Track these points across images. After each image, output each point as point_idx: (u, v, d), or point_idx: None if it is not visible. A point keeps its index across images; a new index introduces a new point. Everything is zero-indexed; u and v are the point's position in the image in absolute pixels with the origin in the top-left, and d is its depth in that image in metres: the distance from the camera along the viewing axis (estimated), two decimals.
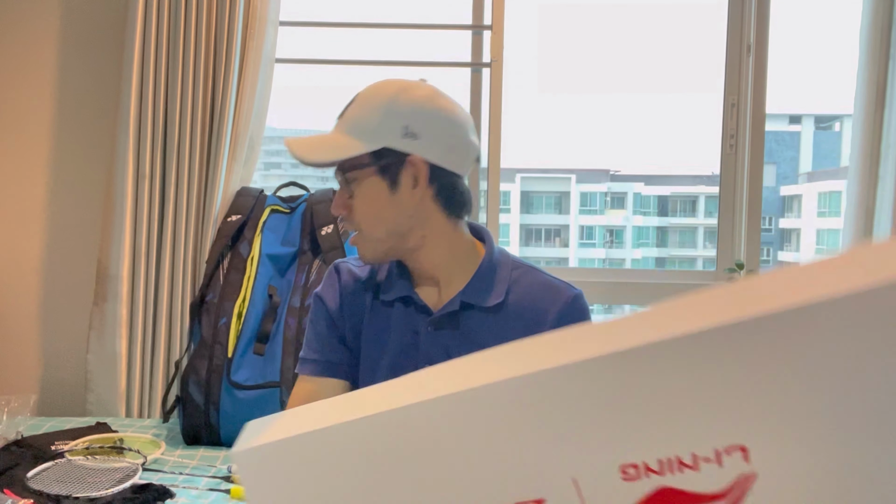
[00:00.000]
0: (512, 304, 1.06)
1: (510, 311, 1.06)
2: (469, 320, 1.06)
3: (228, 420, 1.86)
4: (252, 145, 2.21)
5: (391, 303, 1.11)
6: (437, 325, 1.07)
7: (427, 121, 1.00)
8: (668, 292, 2.38)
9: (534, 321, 1.05)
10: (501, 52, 2.31)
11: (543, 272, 1.12)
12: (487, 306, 1.06)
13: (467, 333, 1.06)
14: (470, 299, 1.06)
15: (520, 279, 1.09)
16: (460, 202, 1.07)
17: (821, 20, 8.32)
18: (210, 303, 1.97)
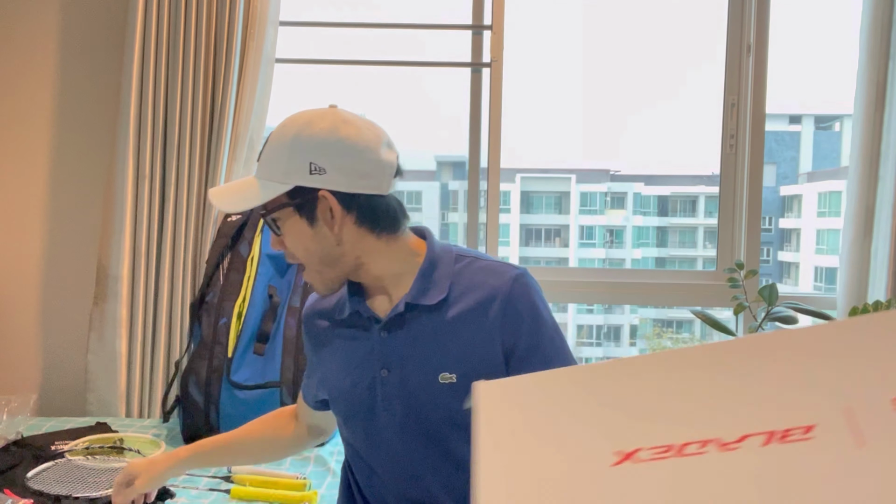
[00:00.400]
0: (455, 297, 1.09)
1: (455, 304, 1.08)
2: (417, 320, 1.09)
3: (228, 420, 1.86)
4: (252, 145, 2.21)
5: (346, 321, 1.16)
6: (389, 330, 1.11)
7: (331, 153, 1.02)
8: (668, 292, 2.38)
9: (479, 309, 1.07)
10: (501, 52, 2.31)
11: (486, 258, 1.14)
12: (432, 304, 1.08)
13: (417, 333, 1.09)
14: (414, 300, 1.08)
15: (462, 271, 1.11)
16: (386, 219, 1.09)
17: (821, 20, 8.29)
18: (210, 303, 1.97)
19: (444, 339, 1.08)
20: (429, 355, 1.08)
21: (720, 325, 2.05)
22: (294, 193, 1.04)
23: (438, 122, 2.92)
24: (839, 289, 2.23)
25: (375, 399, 1.12)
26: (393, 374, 1.10)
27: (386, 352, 1.10)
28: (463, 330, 1.07)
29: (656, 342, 6.95)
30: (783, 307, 2.01)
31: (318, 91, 2.63)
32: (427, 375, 1.08)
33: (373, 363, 1.11)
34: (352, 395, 1.15)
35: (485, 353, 1.07)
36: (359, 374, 1.13)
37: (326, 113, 1.06)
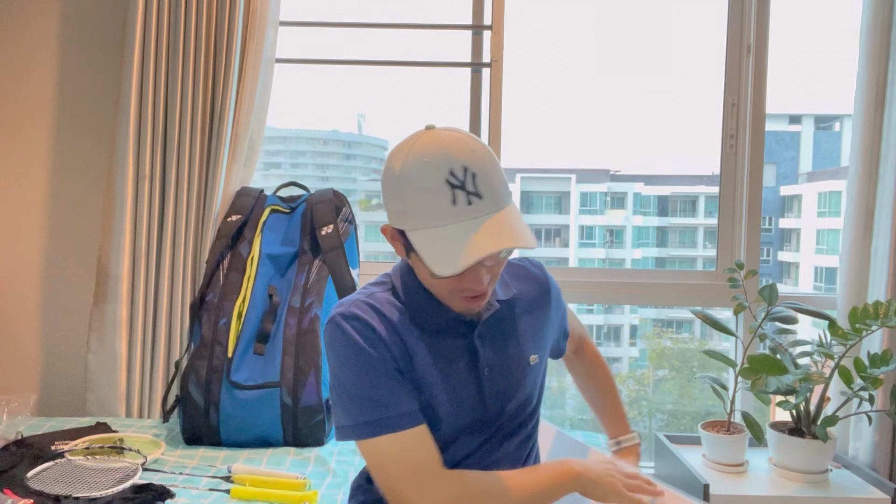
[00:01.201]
0: (516, 293, 1.24)
1: (518, 296, 1.23)
2: (499, 316, 1.18)
3: (228, 420, 1.86)
4: (252, 145, 2.21)
5: (436, 331, 1.12)
6: (483, 333, 1.16)
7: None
8: (668, 292, 2.38)
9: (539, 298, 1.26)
10: (501, 52, 2.31)
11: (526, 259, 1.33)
12: (507, 298, 1.21)
13: (504, 327, 1.18)
14: (504, 297, 1.20)
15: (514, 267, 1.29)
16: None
17: (821, 20, 8.28)
18: (210, 303, 1.97)
19: (524, 326, 1.21)
20: (518, 343, 1.19)
21: (720, 325, 2.05)
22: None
23: (438, 122, 2.95)
24: (839, 289, 2.23)
25: (484, 400, 1.14)
26: (494, 371, 1.15)
27: (484, 351, 1.15)
28: (533, 317, 1.23)
29: (656, 342, 6.96)
30: (783, 307, 2.01)
31: (318, 91, 2.63)
32: (521, 362, 1.19)
33: (475, 366, 1.14)
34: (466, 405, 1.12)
35: (552, 331, 1.30)
36: (462, 381, 1.11)
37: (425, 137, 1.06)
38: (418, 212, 1.00)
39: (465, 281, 1.04)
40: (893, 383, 2.05)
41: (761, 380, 1.90)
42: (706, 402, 4.57)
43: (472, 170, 1.01)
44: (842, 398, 2.01)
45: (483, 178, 1.01)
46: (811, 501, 1.89)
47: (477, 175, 1.01)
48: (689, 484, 1.90)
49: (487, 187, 1.01)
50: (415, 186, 1.00)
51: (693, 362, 6.09)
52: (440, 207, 0.99)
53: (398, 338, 1.09)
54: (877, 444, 2.12)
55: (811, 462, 1.95)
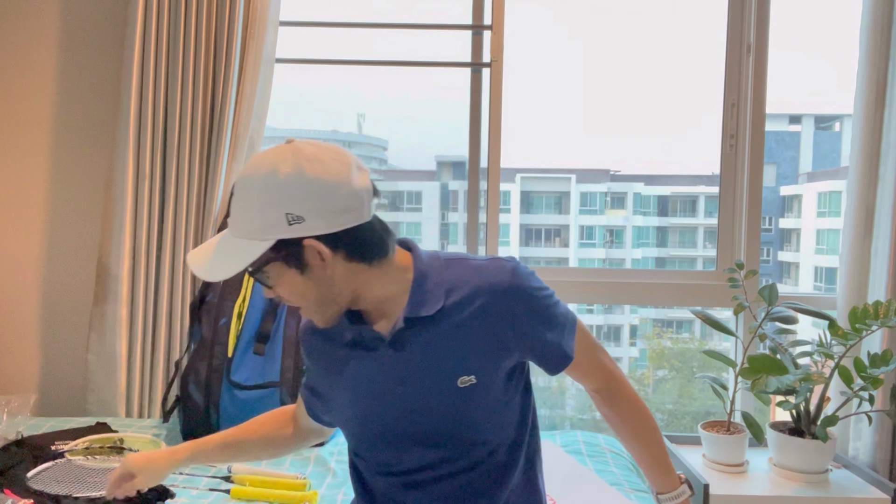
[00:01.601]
0: (454, 301, 1.09)
1: (456, 308, 1.08)
2: (424, 331, 1.09)
3: (228, 420, 1.86)
4: (252, 145, 2.21)
5: (349, 344, 1.14)
6: (395, 347, 1.10)
7: (304, 199, 0.97)
8: (668, 292, 2.38)
9: (483, 308, 1.08)
10: (501, 52, 2.31)
11: (474, 258, 1.14)
12: (431, 314, 1.08)
13: (426, 343, 1.09)
14: (412, 314, 1.08)
15: (455, 275, 1.11)
16: (374, 246, 1.06)
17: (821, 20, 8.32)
18: (210, 303, 1.97)
19: (454, 343, 1.08)
20: (442, 364, 1.08)
21: (720, 325, 2.05)
22: (277, 247, 0.99)
23: (438, 122, 2.95)
24: (839, 289, 2.23)
25: (394, 415, 1.11)
26: (409, 387, 1.09)
27: (398, 367, 1.09)
28: (471, 331, 1.08)
29: (656, 342, 6.95)
30: (783, 307, 2.01)
31: (318, 91, 2.63)
32: (444, 383, 1.08)
33: (386, 381, 1.10)
34: (370, 416, 1.13)
35: (498, 347, 1.08)
36: (373, 396, 1.12)
37: (287, 153, 0.99)
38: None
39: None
40: (893, 383, 2.05)
41: (761, 380, 1.90)
42: (706, 402, 4.56)
43: (234, 189, 1.04)
44: (842, 398, 2.01)
45: (235, 198, 1.03)
46: (811, 501, 1.89)
47: (234, 195, 1.03)
48: None
49: (234, 207, 1.03)
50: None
51: (693, 362, 6.09)
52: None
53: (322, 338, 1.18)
54: (877, 444, 2.12)
55: (811, 462, 1.95)
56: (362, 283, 1.07)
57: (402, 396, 1.10)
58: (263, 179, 0.98)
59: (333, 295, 1.06)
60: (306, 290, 1.04)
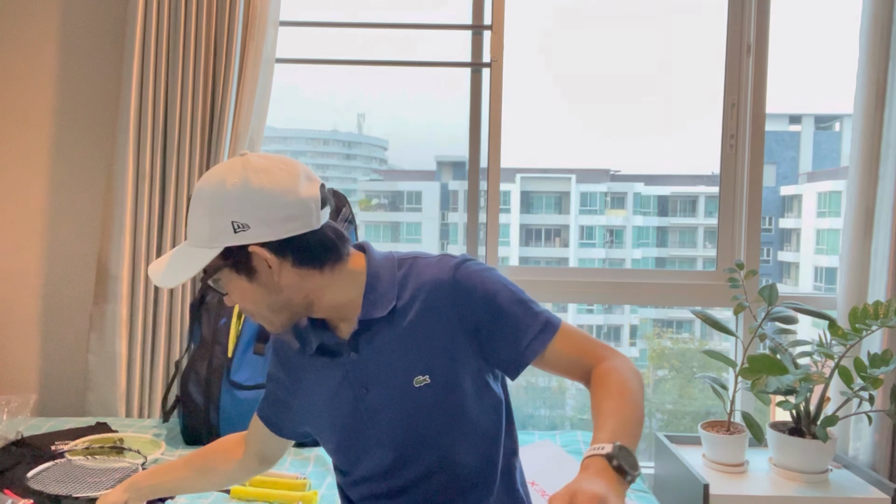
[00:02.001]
0: (406, 300, 1.10)
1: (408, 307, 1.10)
2: (380, 333, 1.10)
3: (228, 420, 1.86)
4: (252, 145, 2.21)
5: (317, 352, 1.15)
6: (356, 350, 1.11)
7: (249, 208, 1.01)
8: (668, 292, 2.38)
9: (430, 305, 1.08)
10: (501, 52, 2.31)
11: (425, 256, 1.15)
12: (384, 315, 1.09)
13: (382, 345, 1.10)
14: (367, 316, 1.09)
15: (406, 274, 1.12)
16: (325, 252, 1.07)
17: (821, 20, 8.30)
18: (210, 303, 1.97)
19: (408, 344, 1.09)
20: (398, 364, 1.09)
21: (720, 325, 2.05)
22: (226, 254, 1.03)
23: (438, 122, 2.94)
24: (839, 289, 2.23)
25: (361, 418, 1.12)
26: (372, 391, 1.11)
27: (359, 371, 1.11)
28: (422, 331, 1.09)
29: (656, 342, 6.95)
30: (783, 307, 2.01)
31: (318, 91, 2.63)
32: (402, 383, 1.09)
33: (351, 385, 1.12)
34: (338, 421, 1.15)
35: (449, 347, 1.08)
36: (340, 400, 1.14)
37: (236, 165, 1.03)
38: None
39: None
40: (893, 383, 2.05)
41: (761, 380, 1.90)
42: (706, 402, 4.56)
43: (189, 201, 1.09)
44: (842, 398, 2.01)
45: (190, 209, 1.07)
46: (811, 501, 1.89)
47: (189, 204, 1.07)
48: (689, 484, 1.90)
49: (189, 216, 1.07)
50: None
51: (693, 362, 6.08)
52: None
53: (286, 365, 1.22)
54: (877, 444, 2.12)
55: (811, 462, 1.95)
56: (314, 289, 1.08)
57: (366, 400, 1.11)
58: (212, 190, 1.02)
59: (284, 301, 1.07)
60: (256, 297, 1.06)
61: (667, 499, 2.06)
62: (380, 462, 1.14)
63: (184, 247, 1.07)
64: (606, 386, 1.01)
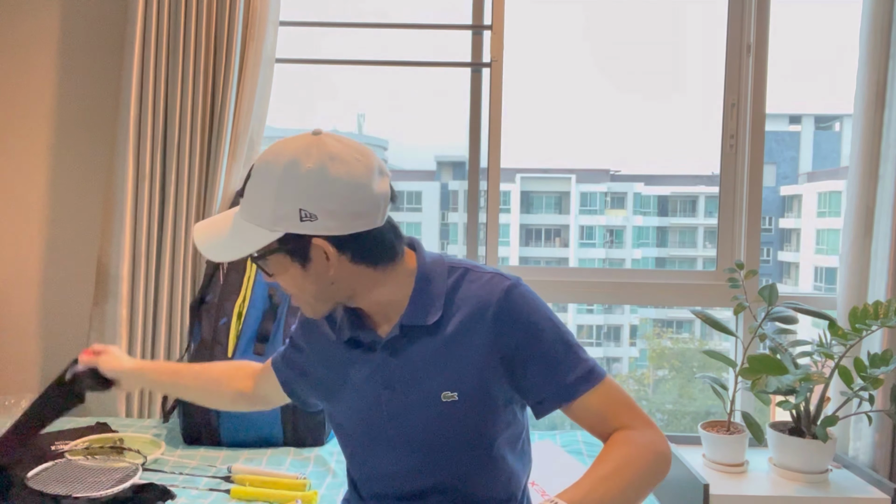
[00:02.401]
0: (451, 313, 1.06)
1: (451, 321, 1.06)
2: (418, 340, 1.07)
3: (228, 420, 1.86)
4: (252, 145, 2.21)
5: (348, 341, 1.13)
6: (390, 351, 1.09)
7: (321, 198, 0.95)
8: (668, 292, 2.38)
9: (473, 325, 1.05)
10: (501, 52, 2.31)
11: (479, 268, 1.10)
12: (428, 325, 1.06)
13: (417, 354, 1.07)
14: (410, 321, 1.06)
15: (456, 285, 1.08)
16: (383, 251, 1.04)
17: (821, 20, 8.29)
18: (210, 303, 1.97)
19: (443, 358, 1.06)
20: (430, 375, 1.06)
21: (720, 325, 2.05)
22: (285, 239, 0.98)
23: (438, 122, 2.94)
24: (839, 289, 2.23)
25: (381, 417, 1.10)
26: (396, 395, 1.08)
27: (388, 373, 1.09)
28: (459, 347, 1.05)
29: (656, 342, 6.95)
30: (783, 307, 2.01)
31: (318, 91, 2.63)
32: (429, 395, 1.06)
33: (375, 384, 1.10)
34: (356, 414, 1.13)
35: (483, 368, 1.04)
36: (363, 394, 1.11)
37: (312, 147, 0.97)
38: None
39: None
40: (893, 383, 2.05)
41: (761, 380, 1.90)
42: (706, 402, 4.56)
43: (252, 172, 1.02)
44: (842, 398, 2.01)
45: (252, 182, 1.01)
46: (811, 501, 1.89)
47: (251, 178, 1.02)
48: (689, 484, 1.90)
49: (248, 190, 1.02)
50: None
51: (693, 362, 6.09)
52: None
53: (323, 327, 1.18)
54: (877, 444, 2.12)
55: (811, 462, 1.95)
56: (364, 285, 1.05)
57: (387, 402, 1.09)
58: (284, 171, 0.96)
59: (332, 292, 1.05)
60: (305, 284, 1.03)
61: (667, 499, 2.06)
62: (393, 463, 1.12)
63: (239, 219, 1.01)
64: (614, 451, 0.97)
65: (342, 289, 1.05)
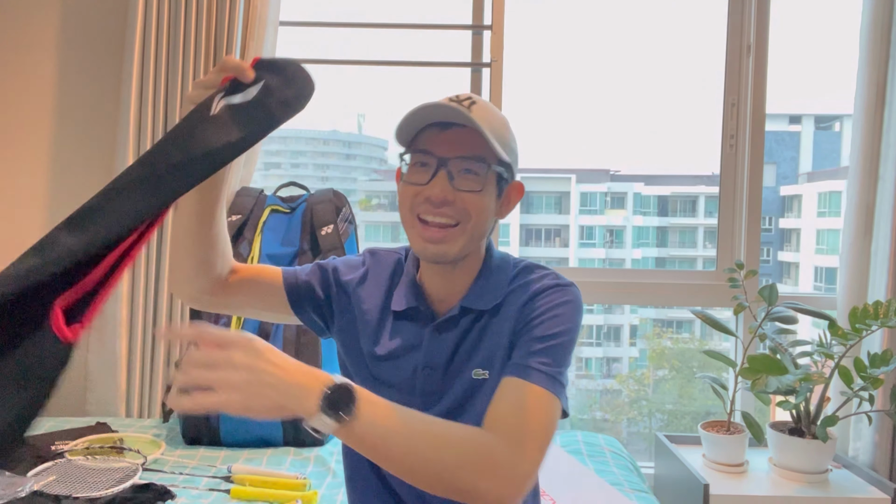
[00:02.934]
0: (505, 303, 1.08)
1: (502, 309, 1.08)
2: (466, 325, 1.09)
3: (228, 420, 1.86)
4: None
5: (400, 312, 1.12)
6: (440, 330, 1.09)
7: (515, 153, 1.09)
8: (668, 292, 2.38)
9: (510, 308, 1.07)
10: (501, 52, 2.31)
11: (541, 267, 1.12)
12: (487, 309, 1.08)
13: (464, 336, 1.08)
14: (471, 304, 1.08)
15: (518, 276, 1.11)
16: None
17: (821, 20, 8.21)
18: None
19: (483, 340, 1.08)
20: (469, 357, 1.07)
21: (720, 325, 2.05)
22: (506, 166, 1.05)
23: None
24: (839, 289, 2.23)
25: (413, 392, 1.09)
26: (434, 373, 1.08)
27: (431, 352, 1.09)
28: (497, 328, 1.07)
29: (656, 342, 6.95)
30: (783, 307, 2.01)
31: (317, 91, 2.63)
32: (462, 374, 1.08)
33: (416, 358, 1.09)
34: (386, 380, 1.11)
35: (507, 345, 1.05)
36: (396, 365, 1.10)
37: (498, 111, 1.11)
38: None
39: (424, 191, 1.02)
40: (893, 383, 2.05)
41: (761, 380, 1.90)
42: (706, 402, 4.56)
43: (475, 100, 1.04)
44: (842, 398, 2.01)
45: (481, 109, 1.03)
46: (811, 501, 1.89)
47: (477, 104, 1.03)
48: (689, 484, 1.90)
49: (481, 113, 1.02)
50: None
51: (693, 362, 6.09)
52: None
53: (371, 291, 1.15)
54: (877, 444, 2.12)
55: (811, 462, 1.95)
56: (479, 247, 1.11)
57: (423, 379, 1.09)
58: (506, 122, 1.08)
59: (485, 234, 1.09)
60: (486, 215, 1.05)
61: (667, 499, 2.06)
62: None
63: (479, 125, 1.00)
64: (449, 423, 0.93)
65: (484, 235, 1.09)
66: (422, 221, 1.03)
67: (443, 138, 1.03)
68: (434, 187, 1.01)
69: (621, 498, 1.65)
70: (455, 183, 1.02)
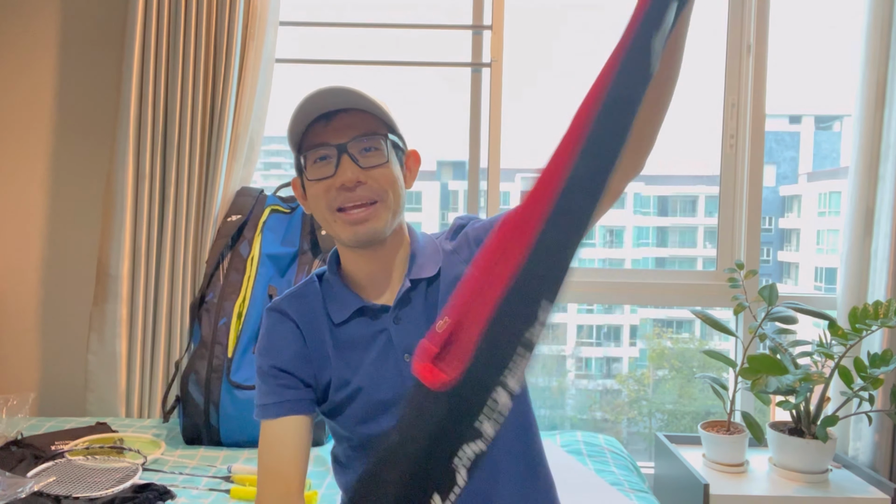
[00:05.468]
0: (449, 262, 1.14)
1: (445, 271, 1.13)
2: (419, 298, 1.11)
3: (228, 420, 1.86)
4: (252, 145, 2.21)
5: (347, 321, 1.11)
6: (399, 311, 1.10)
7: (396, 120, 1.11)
8: (668, 292, 2.38)
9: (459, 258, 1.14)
10: (501, 52, 2.31)
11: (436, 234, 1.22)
12: (431, 276, 1.11)
13: (423, 309, 1.10)
14: (418, 275, 1.11)
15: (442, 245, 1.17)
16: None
17: (821, 20, 8.24)
18: (210, 303, 1.97)
19: (447, 293, 1.10)
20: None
21: (720, 325, 2.05)
22: (399, 137, 1.10)
23: (438, 122, 2.94)
24: (839, 289, 2.23)
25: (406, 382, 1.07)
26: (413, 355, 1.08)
27: (402, 336, 1.08)
28: (456, 273, 1.11)
29: (656, 342, 6.94)
30: (783, 307, 2.01)
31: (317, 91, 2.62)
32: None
33: (393, 352, 1.09)
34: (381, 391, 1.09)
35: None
36: (383, 369, 1.09)
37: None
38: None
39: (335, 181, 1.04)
40: (893, 383, 2.05)
41: (761, 380, 1.90)
42: (706, 402, 4.56)
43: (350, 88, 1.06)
44: (842, 398, 2.01)
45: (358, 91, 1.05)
46: (811, 501, 1.89)
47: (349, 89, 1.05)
48: (689, 484, 1.90)
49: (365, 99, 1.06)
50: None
51: (693, 362, 6.08)
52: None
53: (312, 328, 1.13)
54: (877, 444, 2.12)
55: (811, 462, 1.95)
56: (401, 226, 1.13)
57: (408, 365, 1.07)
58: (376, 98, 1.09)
59: (401, 205, 1.10)
60: (396, 183, 1.08)
61: (667, 499, 2.06)
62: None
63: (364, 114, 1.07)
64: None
65: (401, 206, 1.10)
66: (342, 211, 1.06)
67: (332, 127, 1.05)
68: (344, 173, 1.04)
69: (621, 498, 1.65)
70: (361, 163, 1.05)
